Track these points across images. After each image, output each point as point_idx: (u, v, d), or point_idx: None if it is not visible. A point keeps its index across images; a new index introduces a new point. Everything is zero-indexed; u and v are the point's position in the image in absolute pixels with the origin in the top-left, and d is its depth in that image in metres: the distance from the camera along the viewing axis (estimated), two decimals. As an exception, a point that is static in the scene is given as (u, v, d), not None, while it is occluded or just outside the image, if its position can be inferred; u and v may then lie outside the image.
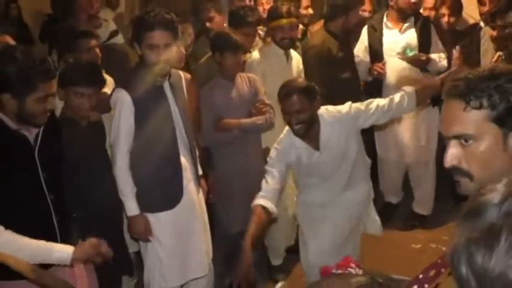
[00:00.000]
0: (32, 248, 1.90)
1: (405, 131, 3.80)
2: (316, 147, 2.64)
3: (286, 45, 3.38)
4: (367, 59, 3.80)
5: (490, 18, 3.74)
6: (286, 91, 2.54)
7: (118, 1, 5.23)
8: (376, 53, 3.77)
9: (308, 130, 2.57)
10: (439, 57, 3.70)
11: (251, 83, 3.16)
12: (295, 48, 3.56)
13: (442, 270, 1.13)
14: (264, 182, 2.55)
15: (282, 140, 2.66)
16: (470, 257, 0.74)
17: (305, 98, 2.52)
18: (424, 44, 3.69)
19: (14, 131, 2.00)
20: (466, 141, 1.14)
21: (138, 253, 2.87)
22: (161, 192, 2.60)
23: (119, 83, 2.61)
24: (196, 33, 3.72)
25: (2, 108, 1.96)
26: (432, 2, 4.07)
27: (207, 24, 3.67)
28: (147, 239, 2.62)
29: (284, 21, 3.33)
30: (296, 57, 3.52)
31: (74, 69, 2.53)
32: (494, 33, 3.59)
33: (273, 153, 2.64)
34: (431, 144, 3.82)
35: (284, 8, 3.36)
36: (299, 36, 3.54)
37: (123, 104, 2.49)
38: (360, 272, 1.19)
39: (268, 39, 3.57)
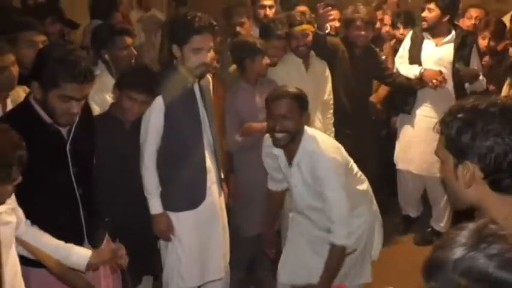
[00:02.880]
0: (51, 247, 1.93)
1: (424, 144, 3.69)
2: (290, 163, 2.43)
3: (302, 52, 3.34)
4: (407, 62, 3.77)
5: None
6: (276, 94, 2.35)
7: (149, 3, 5.31)
8: (414, 59, 3.72)
9: (289, 143, 2.35)
10: (481, 75, 3.64)
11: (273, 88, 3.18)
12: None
13: None
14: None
15: (265, 141, 2.52)
16: None
17: (295, 105, 2.31)
18: (460, 62, 3.61)
19: (49, 124, 2.03)
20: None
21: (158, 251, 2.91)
22: (185, 192, 2.60)
23: None
24: (223, 37, 3.75)
25: (36, 98, 1.99)
26: (475, 17, 4.05)
27: (238, 28, 3.70)
28: (168, 238, 2.62)
29: (296, 29, 3.30)
30: (319, 64, 3.46)
31: (132, 74, 2.57)
32: None
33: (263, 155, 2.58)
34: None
35: (296, 16, 3.34)
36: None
37: (154, 104, 2.49)
38: None
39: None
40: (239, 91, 3.10)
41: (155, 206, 2.57)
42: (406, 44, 3.81)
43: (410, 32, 3.84)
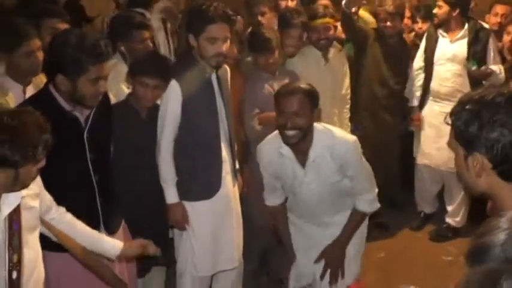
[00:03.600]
0: (85, 234, 1.97)
1: (441, 139, 3.60)
2: (303, 163, 2.33)
3: (322, 46, 3.33)
4: (421, 64, 3.79)
5: None
6: (287, 90, 2.26)
7: None
8: (428, 59, 3.72)
9: (300, 141, 2.26)
10: (499, 69, 3.58)
11: (292, 79, 3.13)
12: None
13: None
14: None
15: (263, 150, 2.42)
16: None
17: (307, 100, 2.22)
18: (474, 57, 3.56)
19: (67, 111, 2.04)
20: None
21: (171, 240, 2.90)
22: (201, 181, 2.60)
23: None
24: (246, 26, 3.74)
25: (58, 88, 2.01)
26: (501, 14, 3.98)
27: (259, 18, 3.70)
28: (183, 227, 2.62)
29: (318, 21, 3.29)
30: (339, 57, 3.45)
31: (143, 60, 2.58)
32: None
33: (262, 168, 2.46)
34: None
35: (319, 8, 3.32)
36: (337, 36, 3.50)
37: (172, 93, 2.49)
38: None
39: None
40: (259, 81, 3.10)
41: (171, 195, 2.57)
42: (423, 45, 3.81)
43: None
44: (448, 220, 3.90)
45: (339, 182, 2.37)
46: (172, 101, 2.50)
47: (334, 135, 2.33)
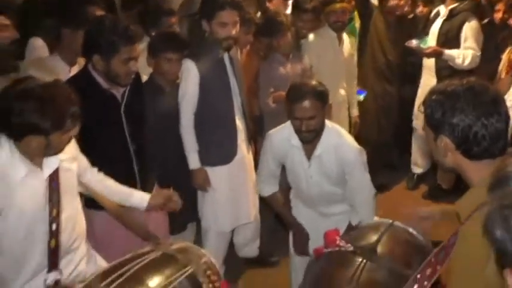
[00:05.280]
0: (115, 191, 2.09)
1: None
2: (309, 156, 2.33)
3: (338, 27, 3.48)
4: None
5: None
6: (298, 94, 2.19)
7: None
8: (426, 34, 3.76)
9: (315, 138, 2.26)
10: (459, 54, 3.52)
11: (303, 61, 3.31)
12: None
13: (438, 267, 1.24)
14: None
15: (273, 138, 2.40)
16: (504, 221, 0.82)
17: (318, 102, 2.18)
18: (442, 36, 3.59)
19: (105, 89, 2.16)
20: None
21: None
22: (219, 149, 2.74)
23: (187, 55, 2.71)
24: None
25: (95, 68, 2.12)
26: None
27: (267, 4, 3.75)
28: (205, 190, 2.78)
29: (337, 5, 3.43)
30: (349, 41, 3.60)
31: (163, 38, 2.71)
32: None
33: (265, 147, 2.44)
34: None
35: None
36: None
37: (190, 73, 2.62)
38: (349, 245, 1.34)
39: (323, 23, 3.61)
40: (274, 62, 3.23)
41: (193, 161, 2.72)
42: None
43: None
44: (439, 181, 4.01)
45: (337, 183, 2.36)
46: (190, 80, 2.63)
47: (343, 136, 2.33)
